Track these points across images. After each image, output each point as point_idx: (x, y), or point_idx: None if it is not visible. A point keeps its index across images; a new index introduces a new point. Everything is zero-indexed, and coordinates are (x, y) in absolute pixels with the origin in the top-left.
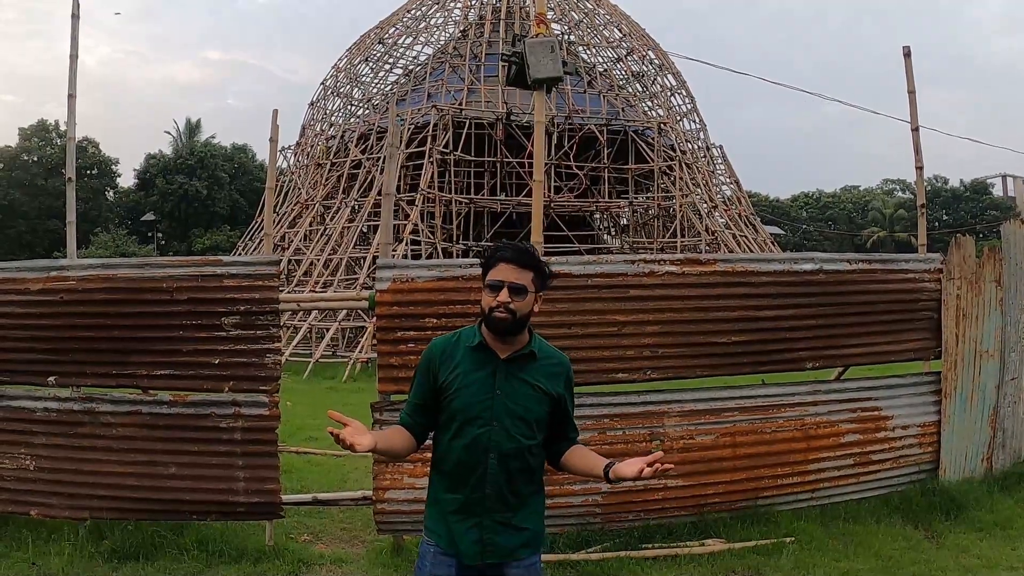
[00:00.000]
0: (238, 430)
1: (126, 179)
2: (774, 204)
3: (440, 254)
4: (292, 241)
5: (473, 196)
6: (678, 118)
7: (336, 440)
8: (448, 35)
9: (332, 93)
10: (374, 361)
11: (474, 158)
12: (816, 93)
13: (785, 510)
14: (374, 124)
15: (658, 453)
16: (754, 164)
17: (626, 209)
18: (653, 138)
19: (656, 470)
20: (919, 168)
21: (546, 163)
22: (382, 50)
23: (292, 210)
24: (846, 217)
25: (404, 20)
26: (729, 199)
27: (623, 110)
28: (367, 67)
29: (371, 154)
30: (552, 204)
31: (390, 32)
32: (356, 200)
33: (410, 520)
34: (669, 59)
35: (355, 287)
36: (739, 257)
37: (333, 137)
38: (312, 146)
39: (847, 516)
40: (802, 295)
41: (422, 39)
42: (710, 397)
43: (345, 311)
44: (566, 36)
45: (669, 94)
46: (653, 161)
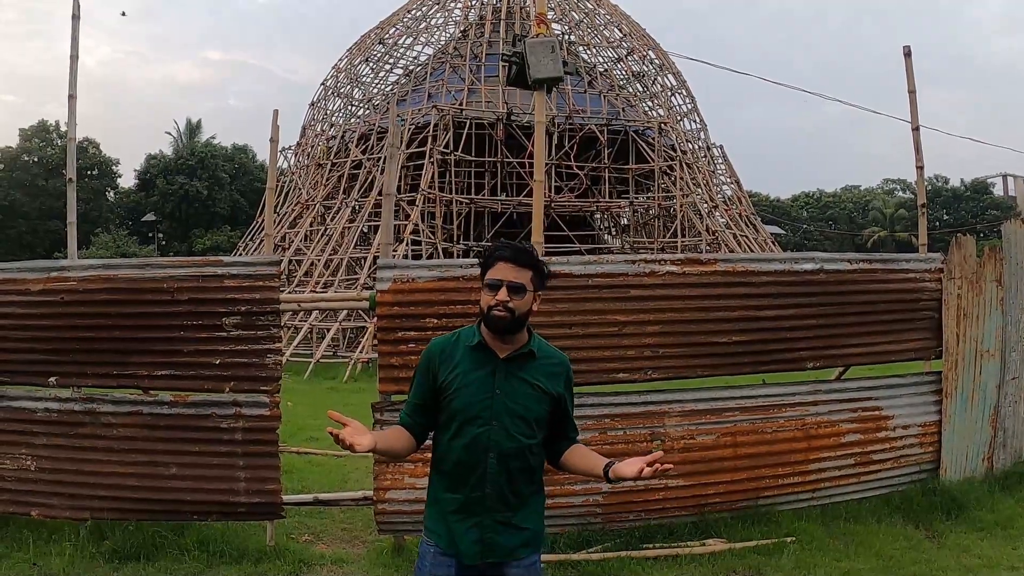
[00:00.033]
0: (239, 430)
1: (127, 179)
2: (775, 204)
3: (441, 254)
4: (293, 241)
5: (474, 196)
6: (678, 118)
7: (336, 440)
8: (448, 35)
9: (332, 93)
10: (375, 361)
11: (475, 158)
12: (817, 93)
13: (786, 510)
14: (374, 124)
15: (658, 453)
16: (754, 164)
17: (627, 209)
18: (653, 138)
19: (656, 470)
20: (920, 168)
21: (547, 163)
22: (382, 50)
23: (293, 210)
24: (847, 217)
25: (404, 20)
26: (730, 199)
27: (623, 110)
28: (367, 67)
29: (372, 154)
30: (553, 204)
31: (390, 32)
32: (357, 200)
33: (411, 520)
34: (669, 59)
35: (356, 287)
36: (740, 257)
37: (334, 137)
38: (313, 146)
39: (848, 516)
40: (803, 295)
41: (422, 39)
42: (711, 397)
43: (346, 311)
44: (566, 36)
45: (669, 94)
46: (654, 161)
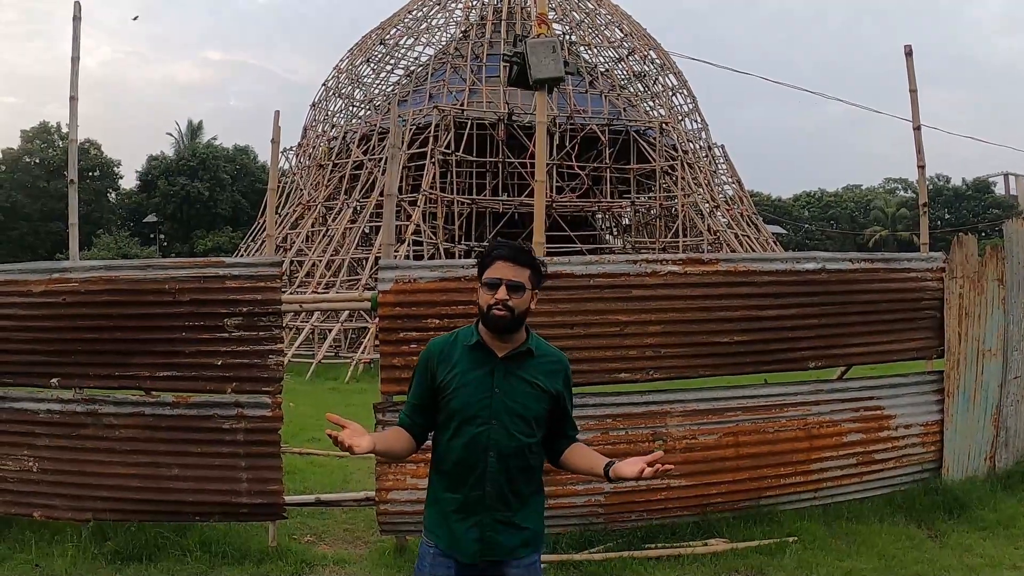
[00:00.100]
0: (241, 431)
1: (128, 181)
2: (776, 203)
3: (442, 255)
4: (294, 242)
5: (475, 196)
6: (680, 118)
7: (334, 442)
8: (449, 36)
9: (334, 94)
10: (377, 362)
11: (476, 159)
12: (819, 93)
13: (788, 510)
14: (376, 125)
15: (658, 453)
16: (756, 164)
17: (628, 209)
18: (655, 138)
19: (657, 470)
20: (921, 167)
21: (548, 163)
22: (383, 51)
23: (294, 211)
24: (848, 216)
25: (405, 21)
26: (731, 199)
27: (625, 110)
28: (368, 68)
29: (373, 155)
30: (554, 204)
31: (391, 33)
32: (358, 201)
33: (413, 521)
34: (670, 59)
35: (357, 288)
36: (741, 257)
37: (335, 138)
38: (314, 147)
39: (850, 515)
40: (804, 294)
41: (423, 40)
42: (713, 397)
43: (347, 312)
44: (567, 36)
45: (671, 94)
46: (655, 161)
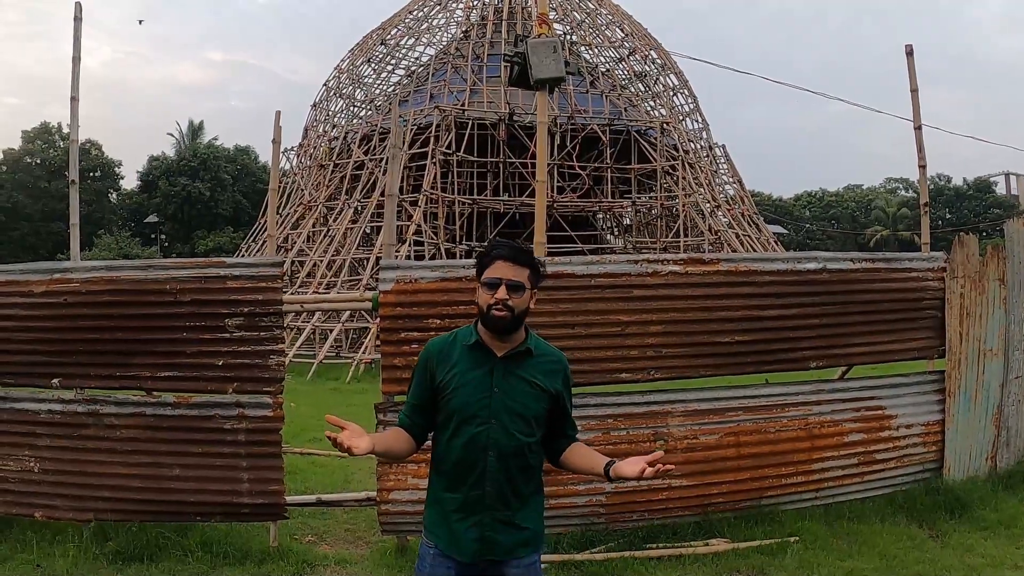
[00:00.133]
0: (242, 431)
1: (129, 181)
2: (777, 203)
3: (443, 255)
4: (295, 242)
5: (476, 197)
6: (681, 118)
7: (334, 444)
8: (450, 36)
9: (334, 94)
10: (378, 362)
11: (477, 159)
12: (820, 92)
13: (789, 510)
14: (377, 125)
15: (659, 453)
16: (757, 163)
17: (629, 209)
18: (656, 138)
19: (658, 470)
20: (922, 167)
21: (549, 163)
22: (384, 51)
23: (295, 211)
24: (849, 216)
25: (406, 21)
26: (732, 198)
27: (626, 110)
28: (369, 68)
29: (374, 155)
30: (555, 204)
31: (392, 33)
32: (359, 201)
33: (414, 521)
34: (671, 59)
35: (358, 288)
36: (742, 257)
37: (336, 138)
38: (315, 147)
39: (851, 515)
40: (806, 294)
41: (424, 40)
42: (714, 397)
43: (348, 312)
44: (568, 36)
45: (671, 94)
46: (656, 161)
